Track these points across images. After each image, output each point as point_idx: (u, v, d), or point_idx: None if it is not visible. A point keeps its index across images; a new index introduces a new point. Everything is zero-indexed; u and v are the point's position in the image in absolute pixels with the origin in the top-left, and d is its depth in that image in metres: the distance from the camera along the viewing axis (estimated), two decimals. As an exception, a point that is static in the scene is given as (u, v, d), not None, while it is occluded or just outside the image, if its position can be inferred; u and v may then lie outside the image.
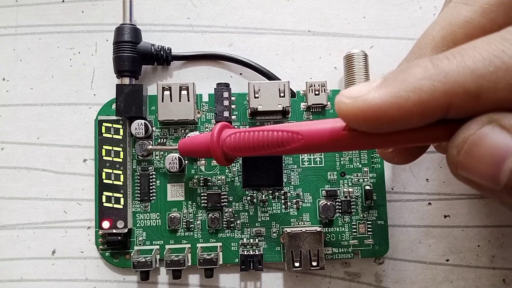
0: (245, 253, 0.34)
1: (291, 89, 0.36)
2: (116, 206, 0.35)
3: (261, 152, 0.28)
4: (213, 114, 0.36)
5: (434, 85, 0.20)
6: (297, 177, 0.36)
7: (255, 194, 0.36)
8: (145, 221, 0.36)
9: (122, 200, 0.35)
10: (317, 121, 0.26)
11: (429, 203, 0.37)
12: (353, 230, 0.36)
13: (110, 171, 0.35)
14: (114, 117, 0.35)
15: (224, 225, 0.36)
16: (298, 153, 0.27)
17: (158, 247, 0.35)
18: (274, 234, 0.36)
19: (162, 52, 0.37)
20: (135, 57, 0.36)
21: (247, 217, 0.36)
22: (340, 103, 0.22)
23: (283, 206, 0.36)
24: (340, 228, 0.36)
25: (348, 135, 0.24)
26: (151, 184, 0.36)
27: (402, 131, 0.22)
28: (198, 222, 0.36)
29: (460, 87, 0.20)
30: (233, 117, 0.36)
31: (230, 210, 0.36)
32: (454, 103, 0.20)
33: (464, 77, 0.20)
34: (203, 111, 0.37)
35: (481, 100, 0.20)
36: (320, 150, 0.26)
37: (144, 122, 0.35)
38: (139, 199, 0.36)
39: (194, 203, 0.36)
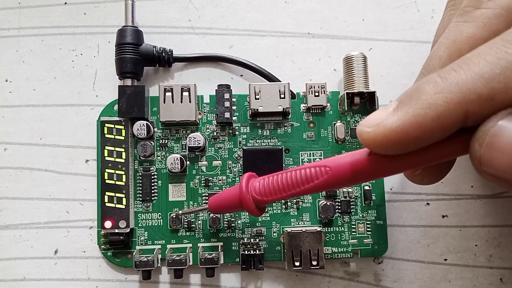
0: (246, 252, 0.35)
1: (291, 91, 0.37)
2: (118, 206, 0.35)
3: (290, 191, 0.28)
4: (214, 115, 0.37)
5: (447, 97, 0.21)
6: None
7: (255, 194, 0.36)
8: (146, 221, 0.36)
9: (124, 200, 0.35)
10: (343, 154, 0.27)
11: (427, 203, 0.38)
12: (352, 230, 0.36)
13: (112, 171, 0.35)
14: (116, 118, 0.36)
15: (225, 225, 0.36)
16: (327, 188, 0.27)
17: (159, 246, 0.36)
18: (274, 234, 0.36)
19: (163, 54, 0.37)
20: (137, 58, 0.36)
21: (247, 217, 0.36)
22: (363, 132, 0.23)
23: (283, 206, 0.36)
24: (340, 228, 0.36)
25: (375, 161, 0.25)
26: (152, 184, 0.36)
27: (427, 150, 0.23)
28: (199, 222, 0.36)
29: (473, 94, 0.20)
30: (233, 118, 0.36)
31: (231, 210, 0.36)
32: (470, 110, 0.21)
33: (474, 83, 0.20)
34: (204, 112, 0.37)
35: (495, 102, 0.20)
36: (349, 180, 0.26)
37: (146, 123, 0.35)
38: (141, 199, 0.36)
39: (196, 203, 0.36)
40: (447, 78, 0.21)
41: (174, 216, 0.36)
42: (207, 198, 0.36)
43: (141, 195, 0.36)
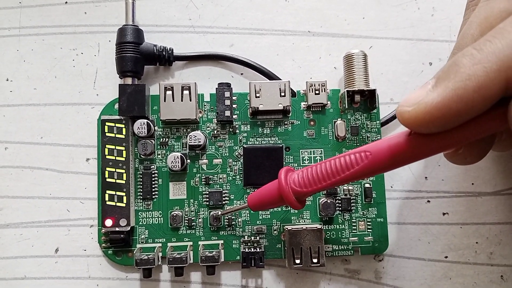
0: (247, 250, 0.35)
1: (291, 89, 0.37)
2: (118, 204, 0.35)
3: (331, 180, 0.28)
4: (214, 113, 0.37)
5: (486, 66, 0.21)
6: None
7: (256, 192, 0.36)
8: (147, 219, 0.36)
9: (124, 198, 0.35)
10: (382, 139, 0.26)
11: (428, 201, 0.38)
12: (353, 228, 0.36)
13: (113, 170, 0.35)
14: (117, 117, 0.36)
15: (225, 223, 0.36)
16: (368, 173, 0.27)
17: (160, 245, 0.36)
18: (275, 232, 0.36)
19: (164, 53, 0.37)
20: (138, 57, 0.36)
21: (248, 215, 0.36)
22: (403, 112, 0.23)
23: (284, 204, 0.36)
24: (340, 225, 0.36)
25: (415, 142, 0.25)
26: (153, 182, 0.36)
27: (468, 125, 0.23)
28: (200, 220, 0.36)
29: (511, 60, 0.21)
30: (234, 116, 0.36)
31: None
32: (510, 76, 0.21)
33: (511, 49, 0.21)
34: (205, 111, 0.37)
35: None
36: (390, 164, 0.26)
37: (147, 122, 0.35)
38: (141, 197, 0.36)
39: (196, 201, 0.36)
40: (483, 49, 0.21)
41: (214, 215, 0.35)
42: (207, 196, 0.36)
43: (141, 194, 0.36)
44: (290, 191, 0.29)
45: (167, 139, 0.37)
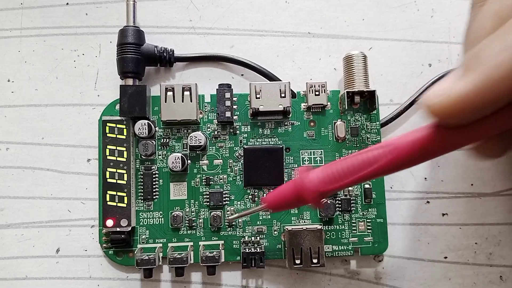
0: (247, 250, 0.35)
1: (291, 90, 0.37)
2: (119, 204, 0.35)
3: (353, 177, 0.27)
4: (215, 114, 0.37)
5: None
6: (298, 176, 0.37)
7: (256, 193, 0.36)
8: (148, 219, 0.36)
9: (125, 199, 0.35)
10: (406, 132, 0.26)
11: (428, 202, 0.38)
12: (352, 228, 0.36)
13: (114, 170, 0.35)
14: (118, 117, 0.36)
15: (226, 223, 0.36)
16: (392, 169, 0.26)
17: (161, 245, 0.36)
18: (275, 232, 0.36)
19: (165, 54, 0.37)
20: (139, 58, 0.36)
21: (248, 215, 0.36)
22: (431, 104, 0.23)
23: (284, 204, 0.36)
24: (340, 226, 0.36)
25: (442, 135, 0.24)
26: (154, 183, 0.36)
27: (497, 115, 0.22)
28: (200, 220, 0.36)
29: None
30: (234, 117, 0.37)
31: (232, 208, 0.36)
32: None
33: None
34: (205, 112, 0.37)
35: None
36: (415, 158, 0.25)
37: (148, 122, 0.36)
38: (142, 198, 0.36)
39: (197, 202, 0.36)
40: (506, 38, 0.21)
41: (230, 219, 0.33)
42: (208, 196, 0.36)
43: (142, 194, 0.36)
44: (311, 190, 0.28)
45: (167, 139, 0.37)
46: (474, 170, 0.38)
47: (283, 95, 0.36)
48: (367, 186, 0.36)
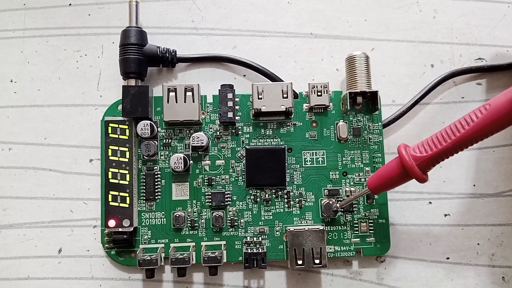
0: (249, 251, 0.35)
1: (293, 90, 0.37)
2: (122, 205, 0.35)
3: (451, 139, 0.28)
4: (217, 114, 0.37)
5: None
6: (300, 176, 0.37)
7: (258, 193, 0.36)
8: (150, 220, 0.36)
9: (128, 199, 0.35)
10: (504, 91, 0.26)
11: (430, 202, 0.38)
12: (355, 229, 0.36)
13: (116, 170, 0.36)
14: (120, 118, 0.36)
15: (228, 223, 0.36)
16: (488, 127, 0.27)
17: (163, 245, 0.36)
18: (277, 233, 0.36)
19: (167, 54, 0.37)
20: (141, 59, 0.36)
21: (250, 215, 0.36)
22: None
23: (286, 205, 0.36)
24: (342, 226, 0.36)
25: None
26: (156, 183, 0.36)
27: None
28: (202, 220, 0.36)
29: None
30: (236, 117, 0.37)
31: (234, 209, 0.36)
32: None
33: None
34: (208, 112, 0.37)
35: None
36: (510, 113, 0.26)
37: (150, 123, 0.36)
38: (144, 198, 0.36)
39: (199, 202, 0.36)
40: None
41: (335, 209, 0.35)
42: (210, 197, 0.36)
43: (144, 194, 0.36)
44: (412, 160, 0.29)
45: (170, 140, 0.37)
46: (476, 171, 0.38)
47: (285, 95, 0.36)
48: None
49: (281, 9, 0.40)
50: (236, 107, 0.37)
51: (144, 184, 0.36)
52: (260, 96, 0.36)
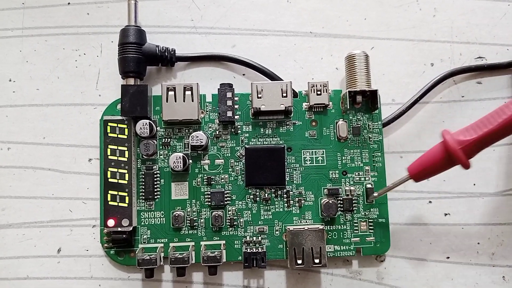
0: (248, 250, 0.35)
1: (293, 89, 0.37)
2: (121, 204, 0.35)
3: (491, 125, 0.29)
4: (216, 114, 0.37)
5: None
6: (300, 176, 0.37)
7: (258, 193, 0.36)
8: (149, 219, 0.36)
9: (127, 198, 0.35)
10: None
11: (430, 202, 0.38)
12: (354, 228, 0.36)
13: (115, 170, 0.35)
14: (119, 117, 0.36)
15: (227, 223, 0.36)
16: None
17: (162, 245, 0.36)
18: (276, 232, 0.36)
19: (166, 53, 0.37)
20: (140, 58, 0.36)
21: (250, 215, 0.36)
22: None
23: (286, 204, 0.36)
24: (342, 226, 0.36)
25: None
26: (155, 183, 0.36)
27: None
28: (201, 220, 0.36)
29: None
30: (236, 117, 0.37)
31: (233, 208, 0.36)
32: None
33: None
34: (207, 111, 0.37)
35: None
36: None
37: (149, 122, 0.35)
38: (143, 197, 0.36)
39: (198, 202, 0.36)
40: None
41: (374, 196, 0.35)
42: (209, 196, 0.36)
43: (143, 194, 0.36)
44: (457, 144, 0.30)
45: (169, 139, 0.37)
46: (476, 170, 0.38)
47: (284, 94, 0.36)
48: (369, 186, 0.36)
49: (281, 7, 0.40)
50: (236, 106, 0.37)
51: (143, 183, 0.36)
52: (259, 95, 0.36)
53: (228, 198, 0.36)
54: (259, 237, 0.36)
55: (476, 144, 0.30)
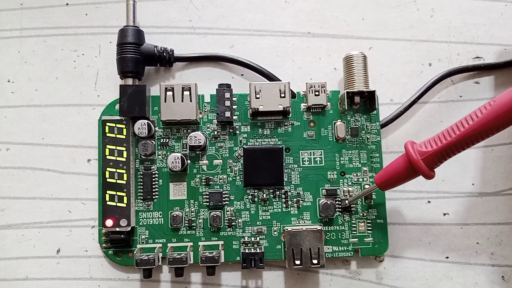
0: (247, 251, 0.35)
1: (291, 90, 0.37)
2: (119, 204, 0.35)
3: (456, 134, 0.29)
4: (214, 114, 0.37)
5: None
6: (298, 176, 0.37)
7: (256, 193, 0.36)
8: (147, 219, 0.36)
9: (125, 198, 0.35)
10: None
11: (428, 201, 0.38)
12: (353, 229, 0.36)
13: (114, 170, 0.35)
14: (118, 117, 0.36)
15: (225, 223, 0.36)
16: (492, 123, 0.27)
17: (160, 245, 0.36)
18: (275, 233, 0.36)
19: (164, 54, 0.37)
20: (138, 58, 0.36)
21: (248, 215, 0.36)
22: None
23: (284, 205, 0.36)
24: (340, 226, 0.36)
25: None
26: (154, 183, 0.36)
27: None
28: (200, 220, 0.36)
29: None
30: (234, 117, 0.37)
31: (231, 208, 0.36)
32: None
33: None
34: (205, 112, 0.37)
35: None
36: None
37: (147, 122, 0.36)
38: (142, 198, 0.36)
39: (196, 202, 0.36)
40: None
41: (344, 205, 0.36)
42: (208, 196, 0.36)
43: (142, 194, 0.36)
44: (418, 155, 0.30)
45: (167, 139, 0.37)
46: (475, 169, 0.38)
47: (282, 95, 0.36)
48: (367, 186, 0.36)
49: (279, 8, 0.40)
50: (234, 107, 0.37)
51: (141, 183, 0.36)
52: (257, 96, 0.36)
53: (226, 199, 0.36)
54: (257, 238, 0.36)
55: (437, 155, 0.30)
